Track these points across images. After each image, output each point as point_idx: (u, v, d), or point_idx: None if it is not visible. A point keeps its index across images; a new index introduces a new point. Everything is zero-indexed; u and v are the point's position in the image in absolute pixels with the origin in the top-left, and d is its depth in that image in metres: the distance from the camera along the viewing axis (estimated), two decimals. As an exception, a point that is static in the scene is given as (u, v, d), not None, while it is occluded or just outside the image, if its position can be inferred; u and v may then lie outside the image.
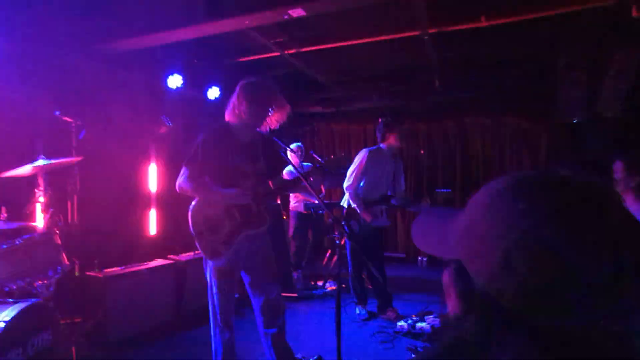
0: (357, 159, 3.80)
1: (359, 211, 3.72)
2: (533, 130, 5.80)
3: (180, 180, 2.35)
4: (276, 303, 2.51)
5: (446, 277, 0.62)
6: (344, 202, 3.94)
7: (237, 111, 2.37)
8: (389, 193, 3.89)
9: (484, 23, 3.70)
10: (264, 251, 2.50)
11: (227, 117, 2.43)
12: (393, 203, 3.84)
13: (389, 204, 3.83)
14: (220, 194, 2.32)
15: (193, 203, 2.42)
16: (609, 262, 0.47)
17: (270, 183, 2.50)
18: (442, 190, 3.90)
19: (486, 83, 5.28)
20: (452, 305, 0.60)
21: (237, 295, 2.58)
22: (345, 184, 3.82)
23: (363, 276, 4.06)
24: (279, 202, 5.08)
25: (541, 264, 0.48)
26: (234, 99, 2.40)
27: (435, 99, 5.68)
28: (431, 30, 3.84)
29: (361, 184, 3.79)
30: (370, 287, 4.12)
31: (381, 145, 3.88)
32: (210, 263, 2.40)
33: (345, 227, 2.08)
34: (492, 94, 5.44)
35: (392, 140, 3.80)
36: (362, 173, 3.76)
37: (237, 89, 2.42)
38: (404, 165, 4.14)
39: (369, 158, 3.76)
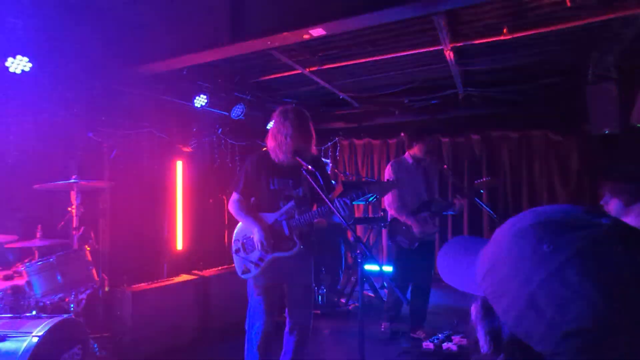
0: (385, 177, 3.83)
1: (409, 223, 3.62)
2: (563, 143, 5.61)
3: (229, 203, 2.58)
4: (305, 330, 2.55)
5: (474, 313, 0.60)
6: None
7: (271, 136, 2.49)
8: (426, 199, 3.78)
9: (506, 36, 3.65)
10: (303, 278, 2.54)
11: (268, 143, 2.54)
12: (433, 209, 3.70)
13: (429, 209, 3.69)
14: (248, 223, 2.49)
15: (239, 223, 2.60)
16: (638, 304, 0.45)
17: (308, 208, 2.54)
18: (482, 179, 3.68)
19: (512, 96, 5.18)
20: (481, 343, 0.58)
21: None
22: (386, 203, 3.81)
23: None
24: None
25: (568, 306, 0.47)
26: (273, 125, 2.51)
27: (459, 113, 5.60)
28: (453, 45, 3.83)
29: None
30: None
31: (405, 155, 3.87)
32: (251, 280, 2.51)
33: (361, 247, 2.01)
34: (518, 108, 5.32)
35: (416, 150, 3.77)
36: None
37: (275, 115, 2.51)
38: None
39: (394, 170, 3.76)
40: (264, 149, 2.62)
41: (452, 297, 4.76)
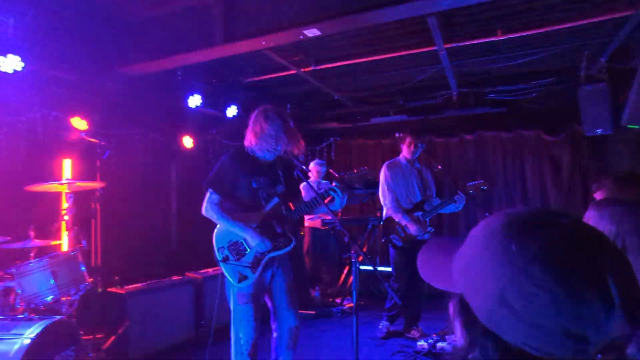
0: (380, 177, 3.90)
1: (404, 223, 3.69)
2: (556, 143, 5.66)
3: (206, 205, 2.38)
4: (295, 331, 2.50)
5: (451, 309, 0.64)
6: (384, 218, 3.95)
7: (255, 134, 2.39)
8: (420, 200, 3.85)
9: (500, 37, 3.68)
10: (287, 277, 2.50)
11: (246, 140, 2.46)
12: (426, 208, 3.78)
13: (423, 209, 3.77)
14: (239, 228, 2.33)
15: (217, 227, 2.42)
16: (595, 296, 0.50)
17: (290, 204, 2.54)
18: (474, 182, 3.74)
19: (505, 97, 5.22)
20: (458, 337, 0.62)
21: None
22: (382, 202, 3.89)
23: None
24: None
25: (533, 300, 0.52)
26: (251, 123, 2.43)
27: (452, 114, 5.63)
28: (447, 45, 3.85)
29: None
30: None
31: (400, 156, 3.96)
32: (234, 289, 2.35)
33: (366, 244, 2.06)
34: (511, 108, 5.36)
35: (404, 152, 3.88)
36: (389, 186, 3.81)
37: (255, 113, 2.45)
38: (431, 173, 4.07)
39: (388, 170, 3.87)
40: (241, 145, 2.49)
41: (447, 297, 4.77)
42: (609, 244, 0.55)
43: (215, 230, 2.42)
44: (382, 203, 3.90)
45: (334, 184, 2.35)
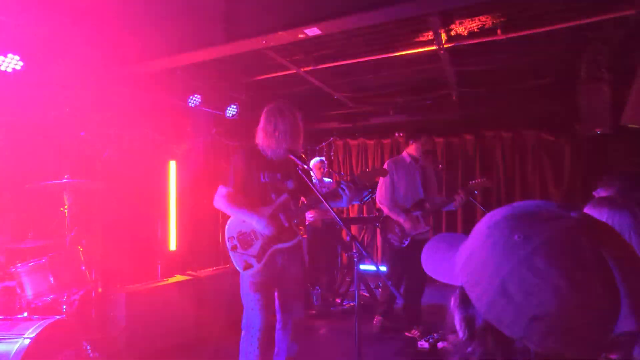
0: None
1: (401, 221, 3.71)
2: (555, 143, 5.67)
3: (216, 198, 2.52)
4: (299, 324, 2.58)
5: (452, 302, 0.63)
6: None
7: (265, 132, 2.51)
8: (422, 198, 3.86)
9: (500, 36, 3.67)
10: (296, 270, 2.56)
11: (257, 138, 2.57)
12: (427, 207, 3.78)
13: (423, 208, 3.77)
14: (244, 216, 2.44)
15: (229, 219, 2.53)
16: (601, 290, 0.48)
17: (303, 199, 2.63)
18: (477, 180, 3.77)
19: (505, 96, 5.22)
20: (457, 331, 0.61)
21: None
22: (379, 200, 3.90)
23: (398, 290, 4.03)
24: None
25: (535, 292, 0.50)
26: (263, 121, 2.55)
27: (453, 113, 5.63)
28: (447, 45, 3.84)
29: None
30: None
31: (403, 154, 3.95)
32: (246, 277, 2.45)
33: (357, 246, 2.05)
34: (511, 107, 5.36)
35: (412, 149, 3.87)
36: (391, 184, 3.81)
37: (266, 111, 2.56)
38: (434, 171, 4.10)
39: (391, 168, 3.85)
40: (253, 143, 2.61)
41: (448, 296, 4.78)
42: (617, 238, 0.54)
43: (227, 222, 2.54)
44: (378, 201, 3.90)
45: (342, 183, 2.40)
